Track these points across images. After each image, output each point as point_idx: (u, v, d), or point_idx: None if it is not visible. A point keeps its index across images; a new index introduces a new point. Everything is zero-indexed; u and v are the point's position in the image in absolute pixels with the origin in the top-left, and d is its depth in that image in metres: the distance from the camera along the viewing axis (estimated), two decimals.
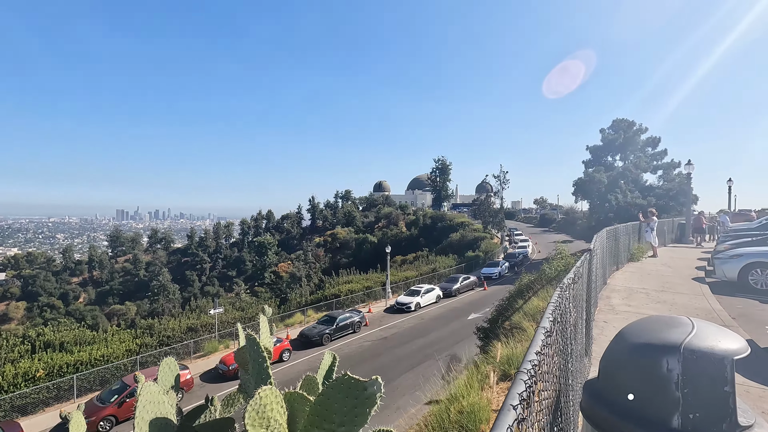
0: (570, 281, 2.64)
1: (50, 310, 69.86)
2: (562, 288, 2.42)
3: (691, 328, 1.96)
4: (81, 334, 21.05)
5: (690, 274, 12.34)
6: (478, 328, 11.67)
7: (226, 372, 19.75)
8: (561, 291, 2.39)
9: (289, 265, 76.14)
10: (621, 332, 2.65)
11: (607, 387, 1.85)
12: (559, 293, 2.35)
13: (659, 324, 2.32)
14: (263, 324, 2.85)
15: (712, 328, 2.15)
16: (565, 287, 2.56)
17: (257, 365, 2.11)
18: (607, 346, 2.03)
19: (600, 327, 6.43)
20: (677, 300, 8.51)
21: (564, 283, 2.58)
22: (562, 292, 2.47)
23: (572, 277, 2.97)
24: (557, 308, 2.16)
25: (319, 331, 24.16)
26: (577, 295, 4.74)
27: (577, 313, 4.42)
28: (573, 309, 3.18)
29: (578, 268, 3.74)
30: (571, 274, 3.16)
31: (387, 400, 16.95)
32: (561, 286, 2.52)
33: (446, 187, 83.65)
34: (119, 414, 16.15)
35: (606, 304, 8.01)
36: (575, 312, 3.90)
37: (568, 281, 2.66)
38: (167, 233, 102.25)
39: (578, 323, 4.73)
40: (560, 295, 2.28)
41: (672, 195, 49.98)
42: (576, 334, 4.63)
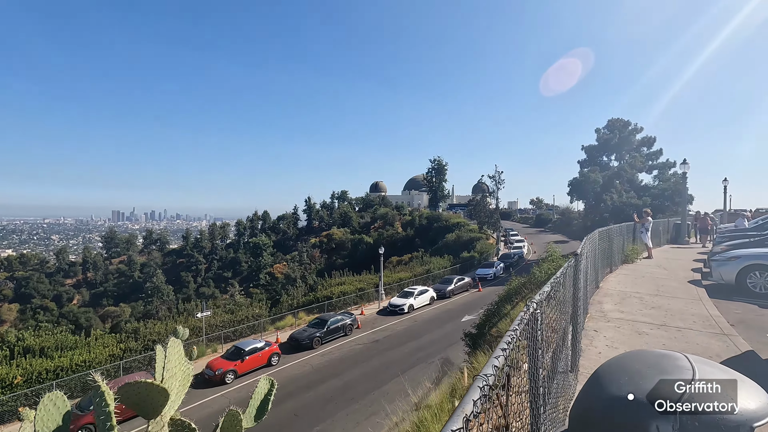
0: (535, 306, 2.18)
1: (43, 312, 69.12)
2: (521, 321, 1.89)
3: (690, 375, 1.49)
4: (63, 338, 20.46)
5: (686, 276, 11.95)
6: (465, 334, 11.25)
7: (213, 377, 19.24)
8: (521, 323, 1.89)
9: (285, 266, 75.62)
10: (597, 374, 2.18)
11: None
12: (518, 326, 1.85)
13: (646, 364, 1.86)
14: (174, 350, 2.39)
15: (718, 372, 1.68)
16: (530, 315, 2.08)
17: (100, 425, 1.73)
18: (577, 393, 1.59)
19: (590, 337, 6.00)
20: (672, 305, 8.09)
21: (529, 309, 2.11)
22: (526, 321, 1.99)
23: (542, 297, 2.50)
24: (507, 351, 1.67)
25: (309, 335, 23.67)
26: (564, 301, 4.31)
27: (558, 332, 3.98)
28: (546, 330, 2.73)
29: (558, 279, 3.30)
30: (547, 287, 2.72)
31: (376, 406, 16.50)
32: (524, 313, 2.04)
33: (442, 188, 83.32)
34: None
35: (597, 310, 7.58)
36: (553, 329, 3.46)
37: (535, 304, 2.19)
38: (163, 234, 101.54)
39: (562, 338, 4.29)
40: (515, 332, 1.79)
41: (667, 195, 49.77)
42: (557, 351, 4.18)
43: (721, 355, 5.26)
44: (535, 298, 2.32)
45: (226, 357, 20.35)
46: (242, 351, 20.37)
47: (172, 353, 2.21)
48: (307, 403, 17.11)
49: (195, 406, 17.40)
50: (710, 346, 5.64)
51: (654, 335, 6.12)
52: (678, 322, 6.82)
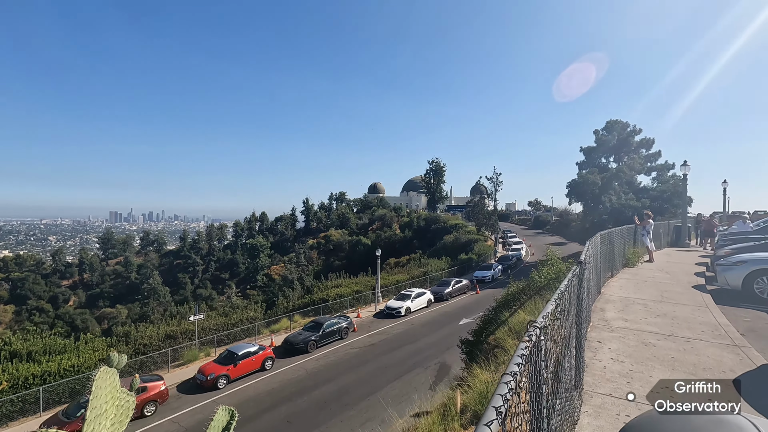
0: (538, 333, 1.80)
1: (39, 314, 68.52)
2: (522, 359, 1.51)
3: None
4: (51, 342, 19.99)
5: (689, 281, 11.59)
6: (462, 341, 10.86)
7: (204, 382, 18.80)
8: (526, 351, 1.53)
9: (282, 267, 75.19)
10: None
11: None
12: (521, 359, 1.49)
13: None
14: (104, 383, 1.97)
15: None
16: (532, 346, 1.70)
17: None
18: None
19: (593, 349, 5.63)
20: (678, 312, 7.73)
21: (531, 338, 1.73)
22: (527, 356, 1.61)
23: (546, 319, 2.12)
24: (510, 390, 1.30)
25: (304, 338, 23.24)
26: (567, 311, 3.94)
27: (563, 343, 3.60)
28: (550, 344, 2.36)
29: (562, 293, 2.93)
30: (551, 305, 2.34)
31: (371, 412, 16.11)
32: (525, 345, 1.66)
33: (440, 189, 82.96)
34: None
35: (600, 318, 7.21)
36: (559, 346, 3.08)
37: (538, 330, 1.82)
38: (160, 235, 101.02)
39: (565, 352, 3.91)
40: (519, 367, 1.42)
41: (666, 197, 49.46)
42: (560, 366, 3.80)
43: (735, 369, 4.91)
44: (538, 321, 1.95)
45: (219, 361, 19.91)
46: (235, 355, 19.93)
47: (102, 386, 1.83)
48: (300, 409, 16.70)
49: (186, 413, 16.97)
50: (722, 359, 5.28)
51: (661, 347, 5.75)
52: (686, 332, 6.45)
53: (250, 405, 17.30)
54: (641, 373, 4.78)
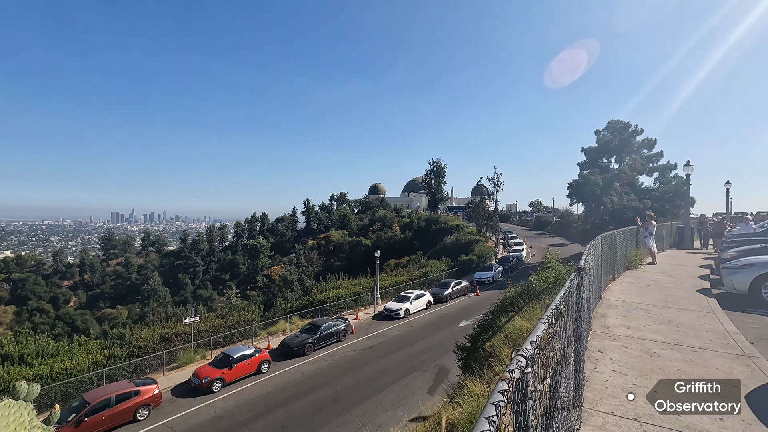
0: (524, 363, 1.48)
1: (39, 315, 68.39)
2: (503, 396, 1.19)
3: None
4: (44, 345, 19.70)
5: (693, 284, 11.24)
6: (458, 347, 10.53)
7: (199, 386, 18.49)
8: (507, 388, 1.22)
9: (282, 268, 74.92)
10: None
11: None
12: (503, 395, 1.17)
13: None
14: (7, 419, 1.66)
15: None
16: (514, 384, 1.38)
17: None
18: None
19: (593, 359, 5.29)
20: (683, 318, 7.38)
21: (513, 373, 1.41)
22: (510, 393, 1.29)
23: (533, 347, 1.78)
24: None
25: (301, 341, 22.93)
26: (565, 314, 3.62)
27: (560, 356, 3.28)
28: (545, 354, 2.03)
29: (558, 308, 2.61)
30: (541, 325, 2.02)
31: (367, 417, 15.78)
32: (506, 382, 1.33)
33: (441, 190, 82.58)
34: None
35: (601, 325, 6.87)
36: (556, 357, 2.76)
37: (523, 360, 1.49)
38: (160, 236, 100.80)
39: (562, 367, 3.58)
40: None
41: (668, 198, 49.04)
42: (557, 379, 3.47)
43: (747, 383, 4.57)
44: (523, 349, 1.63)
45: (214, 364, 19.60)
46: (231, 358, 19.63)
47: (2, 423, 1.52)
48: (296, 414, 16.38)
49: (179, 417, 16.67)
50: (732, 371, 4.94)
51: (667, 357, 5.41)
52: (692, 341, 6.11)
53: (244, 409, 16.99)
54: (645, 388, 4.44)
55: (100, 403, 15.66)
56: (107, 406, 15.76)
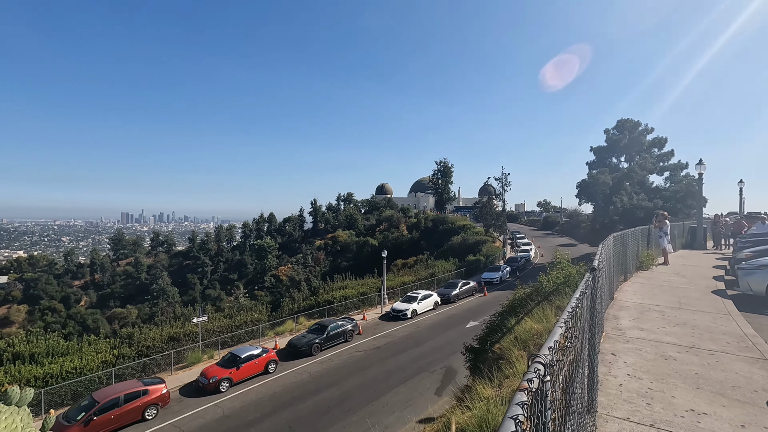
0: (542, 371, 1.37)
1: (51, 314, 69.30)
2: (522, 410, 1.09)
3: None
4: (54, 344, 19.90)
5: (708, 285, 10.98)
6: (466, 348, 10.40)
7: (207, 386, 18.53)
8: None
9: (290, 268, 75.08)
10: None
11: None
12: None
13: None
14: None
15: None
16: (533, 394, 1.27)
17: None
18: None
19: (607, 363, 5.14)
20: (699, 321, 7.18)
21: (532, 382, 1.30)
22: (530, 405, 1.18)
23: (552, 354, 1.65)
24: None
25: (308, 341, 22.90)
26: (581, 317, 3.49)
27: (574, 359, 3.15)
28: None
29: (574, 311, 2.49)
30: (557, 332, 1.90)
31: (374, 418, 15.68)
32: (524, 393, 1.23)
33: (448, 190, 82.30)
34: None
35: (613, 327, 6.70)
36: (569, 359, 2.64)
37: (542, 368, 1.38)
38: (169, 236, 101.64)
39: (575, 370, 3.45)
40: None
41: (679, 197, 48.28)
42: (570, 382, 3.34)
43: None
44: (541, 355, 1.52)
45: (222, 364, 19.64)
46: (238, 358, 19.66)
47: None
48: (302, 415, 16.34)
49: (186, 417, 16.71)
50: (753, 376, 4.76)
51: (683, 361, 5.24)
52: (709, 344, 5.93)
53: (251, 409, 16.99)
54: (662, 393, 4.29)
55: (109, 402, 15.76)
56: (116, 405, 15.85)
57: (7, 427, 1.51)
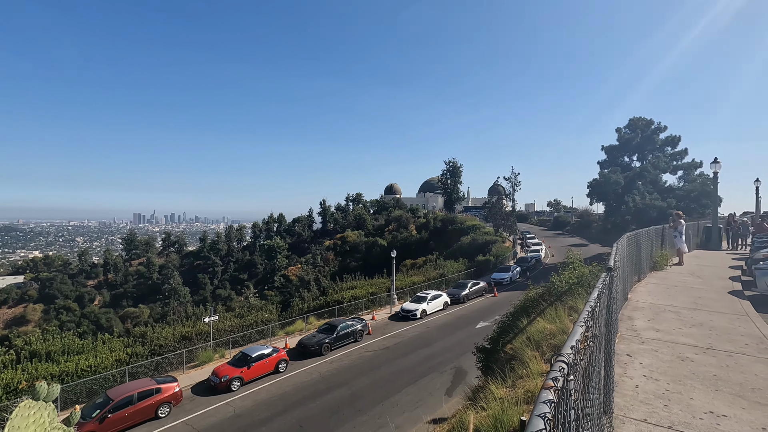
0: (565, 370, 1.36)
1: (66, 313, 70.48)
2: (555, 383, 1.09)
3: None
4: (69, 342, 20.27)
5: (724, 286, 10.78)
6: (477, 348, 10.34)
7: (218, 384, 18.71)
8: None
9: (299, 268, 75.42)
10: None
11: None
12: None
13: None
14: (26, 420, 1.62)
15: None
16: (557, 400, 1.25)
17: None
18: None
19: (622, 364, 5.08)
20: (715, 322, 7.06)
21: (558, 380, 1.29)
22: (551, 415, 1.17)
23: (574, 353, 1.64)
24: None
25: (318, 341, 22.99)
26: (598, 317, 3.44)
27: (590, 360, 3.11)
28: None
29: (593, 310, 2.46)
30: (578, 331, 1.88)
31: (385, 418, 15.68)
32: (550, 391, 1.22)
33: (457, 190, 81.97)
34: (100, 431, 15.21)
35: (628, 328, 6.62)
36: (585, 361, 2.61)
37: (564, 367, 1.37)
38: (180, 236, 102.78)
39: (592, 371, 3.41)
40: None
41: (693, 197, 47.52)
42: (586, 381, 3.30)
43: None
44: (564, 354, 1.50)
45: (233, 363, 19.82)
46: (249, 357, 19.81)
47: (21, 426, 1.49)
48: (313, 414, 16.41)
49: (198, 415, 16.89)
50: None
51: (700, 362, 5.16)
52: (726, 345, 5.82)
53: (262, 408, 17.11)
54: (680, 394, 4.23)
55: (123, 400, 15.99)
56: (130, 403, 16.08)
57: (36, 422, 1.55)
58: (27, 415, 1.53)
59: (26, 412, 1.55)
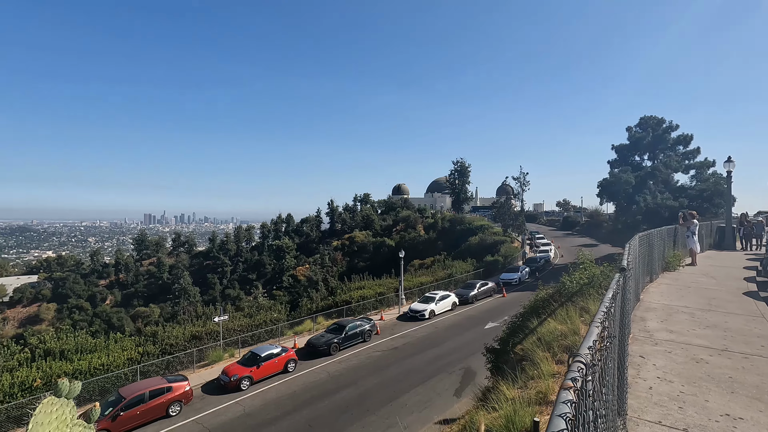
0: (581, 375, 1.35)
1: (78, 312, 71.57)
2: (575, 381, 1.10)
3: None
4: (83, 341, 20.60)
5: (738, 287, 10.61)
6: (487, 349, 10.29)
7: (228, 384, 18.85)
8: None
9: (307, 268, 75.72)
10: None
11: None
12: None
13: None
14: (49, 416, 1.65)
15: None
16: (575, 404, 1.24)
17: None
18: None
19: (635, 365, 5.02)
20: (730, 323, 6.95)
21: (577, 382, 1.28)
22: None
23: (592, 354, 1.63)
24: None
25: (326, 341, 23.06)
26: (613, 317, 3.41)
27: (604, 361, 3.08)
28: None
29: (608, 310, 2.44)
30: (594, 332, 1.86)
31: (393, 418, 15.68)
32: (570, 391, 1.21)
33: (465, 190, 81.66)
34: (113, 429, 15.41)
35: (641, 329, 6.54)
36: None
37: (581, 367, 1.36)
38: (190, 237, 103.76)
39: (605, 371, 3.38)
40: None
41: (706, 196, 46.76)
42: (599, 381, 3.27)
43: None
44: (581, 355, 1.48)
45: (242, 363, 19.96)
46: (258, 357, 19.94)
47: (44, 422, 1.52)
48: (321, 413, 16.46)
49: (209, 414, 17.04)
50: None
51: (715, 364, 5.08)
52: (742, 346, 5.73)
53: (271, 408, 17.21)
54: (695, 396, 4.17)
55: (135, 399, 16.19)
56: (141, 402, 16.28)
57: (58, 418, 1.58)
58: (50, 411, 1.57)
59: (49, 408, 1.58)
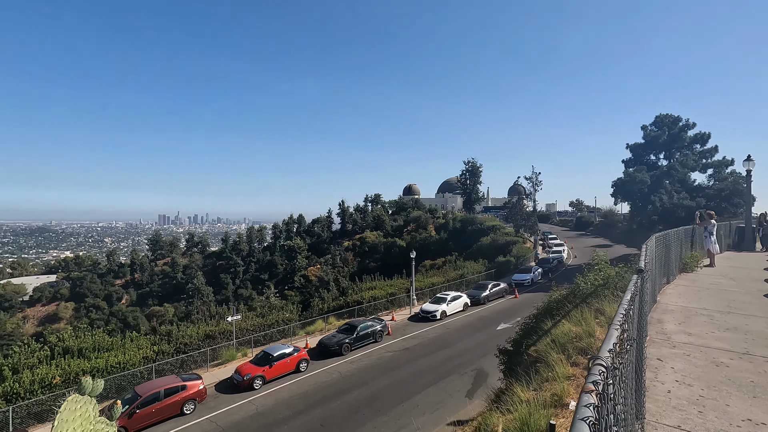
0: (602, 378, 1.32)
1: (95, 311, 72.99)
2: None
3: None
4: (100, 339, 21.04)
5: (759, 288, 10.34)
6: (500, 350, 10.21)
7: (241, 383, 19.05)
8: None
9: (319, 268, 76.09)
10: None
11: None
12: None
13: None
14: (73, 414, 1.69)
15: None
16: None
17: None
18: None
19: (653, 368, 4.93)
20: (752, 326, 6.78)
21: (598, 387, 1.26)
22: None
23: (613, 356, 1.60)
24: None
25: (338, 341, 23.15)
26: (630, 332, 3.36)
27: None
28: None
29: (627, 313, 2.39)
30: (613, 334, 1.82)
31: (404, 419, 15.66)
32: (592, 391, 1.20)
33: (477, 190, 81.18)
34: (129, 426, 15.69)
35: (658, 331, 6.42)
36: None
37: (602, 374, 1.33)
38: (203, 237, 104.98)
39: (628, 372, 3.33)
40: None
41: (724, 196, 45.72)
42: (618, 385, 3.22)
43: None
44: (602, 358, 1.45)
45: (255, 362, 20.15)
46: (270, 356, 20.10)
47: (69, 419, 1.56)
48: (333, 414, 16.52)
49: (222, 413, 17.23)
50: None
51: (736, 368, 4.96)
52: (764, 350, 5.59)
53: (283, 407, 17.33)
54: (715, 401, 4.08)
55: (151, 397, 16.46)
56: (157, 400, 16.54)
57: (82, 416, 1.62)
58: (74, 408, 1.61)
59: (73, 405, 1.62)
